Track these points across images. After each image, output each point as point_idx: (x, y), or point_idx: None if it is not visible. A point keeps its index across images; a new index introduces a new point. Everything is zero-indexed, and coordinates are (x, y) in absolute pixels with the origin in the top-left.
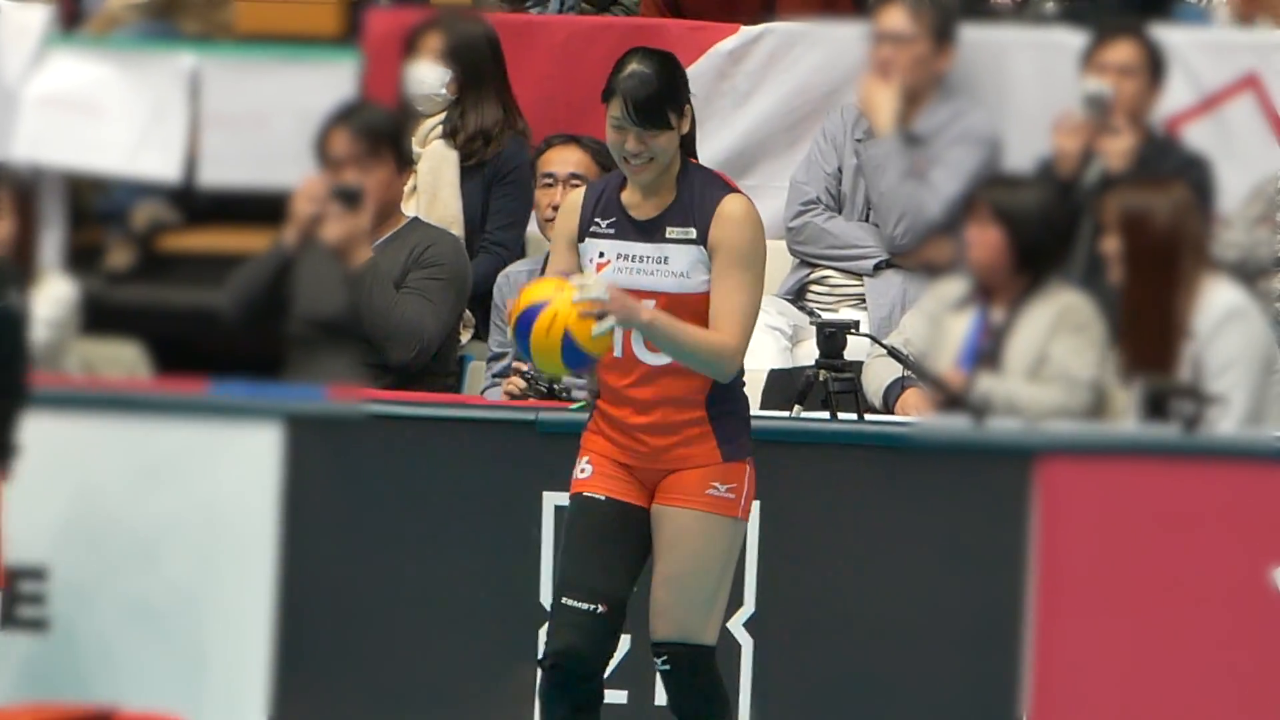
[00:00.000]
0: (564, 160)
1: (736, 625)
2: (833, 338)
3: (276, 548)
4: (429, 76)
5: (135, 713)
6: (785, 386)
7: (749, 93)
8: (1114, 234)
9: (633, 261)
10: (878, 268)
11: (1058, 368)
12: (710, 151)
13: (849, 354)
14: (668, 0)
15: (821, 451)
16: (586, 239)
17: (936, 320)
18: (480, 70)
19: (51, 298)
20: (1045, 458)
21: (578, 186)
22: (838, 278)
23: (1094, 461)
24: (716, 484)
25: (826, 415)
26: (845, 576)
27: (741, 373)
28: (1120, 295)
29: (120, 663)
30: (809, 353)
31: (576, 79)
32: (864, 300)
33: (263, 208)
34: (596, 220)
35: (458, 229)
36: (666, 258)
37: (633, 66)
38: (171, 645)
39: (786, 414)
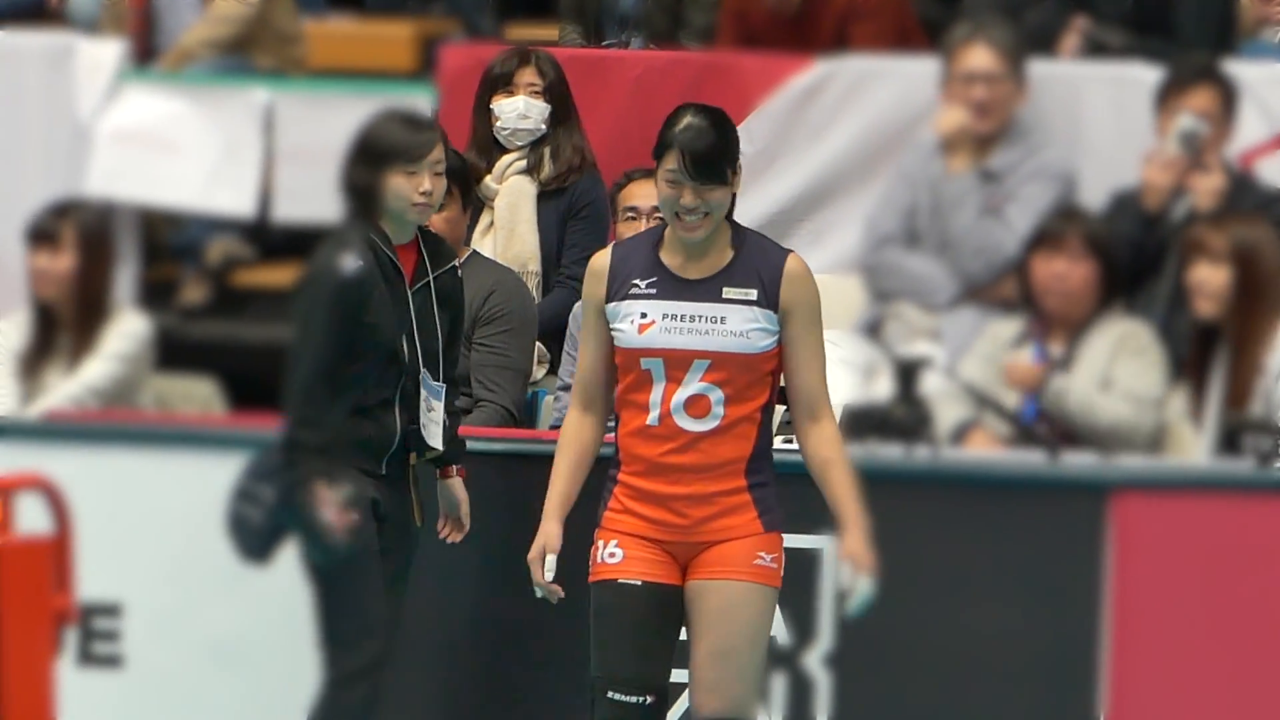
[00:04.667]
0: (647, 194)
1: (813, 661)
2: (908, 373)
3: None
4: (533, 111)
5: None
6: (860, 422)
7: (823, 128)
8: (1218, 266)
9: (681, 321)
10: (953, 303)
11: (1123, 389)
12: (785, 187)
13: (924, 389)
14: (741, 32)
15: (897, 487)
16: (625, 300)
17: (994, 361)
18: (569, 105)
19: (126, 333)
20: (1119, 492)
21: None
22: (913, 313)
23: (1168, 496)
24: (763, 554)
25: (901, 451)
26: (920, 612)
27: (771, 441)
28: (1222, 328)
29: (196, 700)
30: (884, 388)
31: (650, 114)
32: (939, 335)
33: None
34: (635, 282)
35: (535, 265)
36: (724, 317)
37: (689, 119)
38: (247, 682)
39: (862, 449)
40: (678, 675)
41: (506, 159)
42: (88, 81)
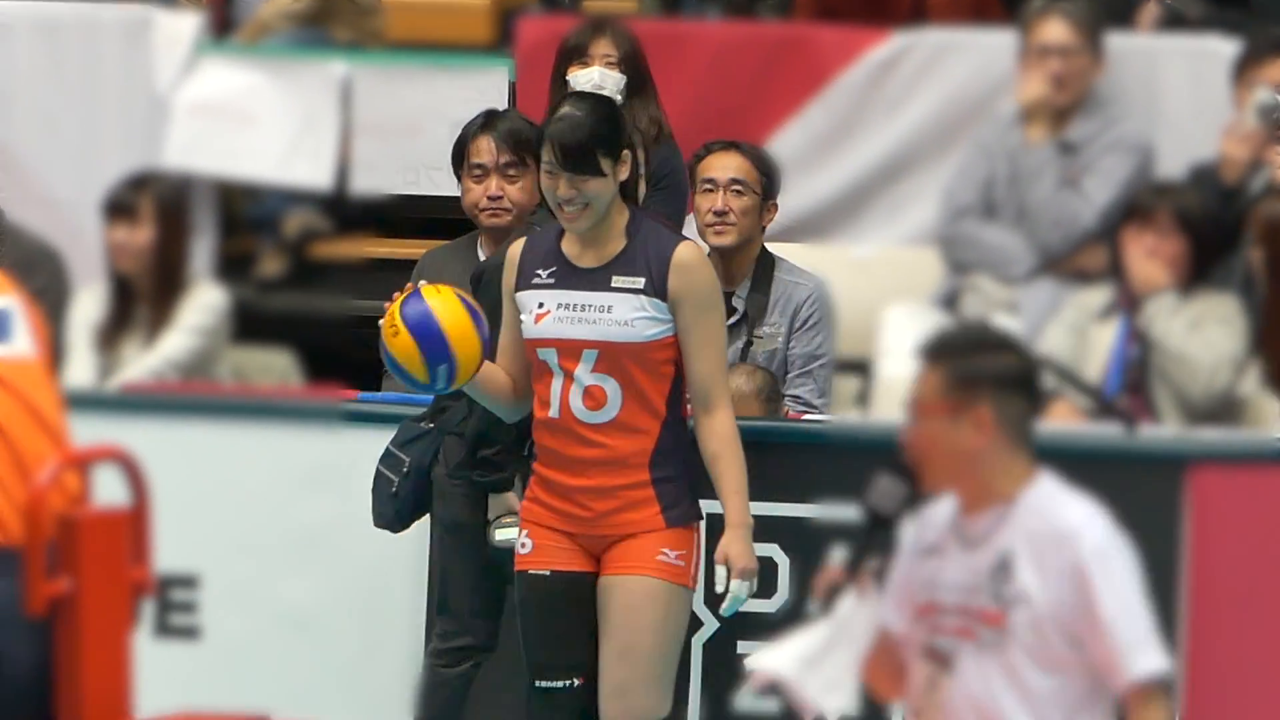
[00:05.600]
0: (724, 166)
1: None
2: None
3: (428, 554)
4: (608, 82)
5: None
6: None
7: (901, 101)
8: (1258, 243)
9: (573, 310)
10: (1030, 275)
11: (1205, 342)
12: (862, 160)
13: None
14: (818, 4)
15: None
16: (527, 290)
17: (1080, 331)
18: (645, 76)
19: (203, 305)
20: (1197, 465)
21: (740, 193)
22: (990, 285)
23: (1246, 470)
24: (666, 550)
25: None
26: None
27: (687, 433)
28: (1264, 303)
29: (272, 670)
30: None
31: (728, 86)
32: (1016, 307)
33: (414, 216)
34: (537, 272)
35: None
36: (610, 306)
37: (565, 109)
38: (323, 652)
39: None
40: None
41: None
42: (165, 54)
